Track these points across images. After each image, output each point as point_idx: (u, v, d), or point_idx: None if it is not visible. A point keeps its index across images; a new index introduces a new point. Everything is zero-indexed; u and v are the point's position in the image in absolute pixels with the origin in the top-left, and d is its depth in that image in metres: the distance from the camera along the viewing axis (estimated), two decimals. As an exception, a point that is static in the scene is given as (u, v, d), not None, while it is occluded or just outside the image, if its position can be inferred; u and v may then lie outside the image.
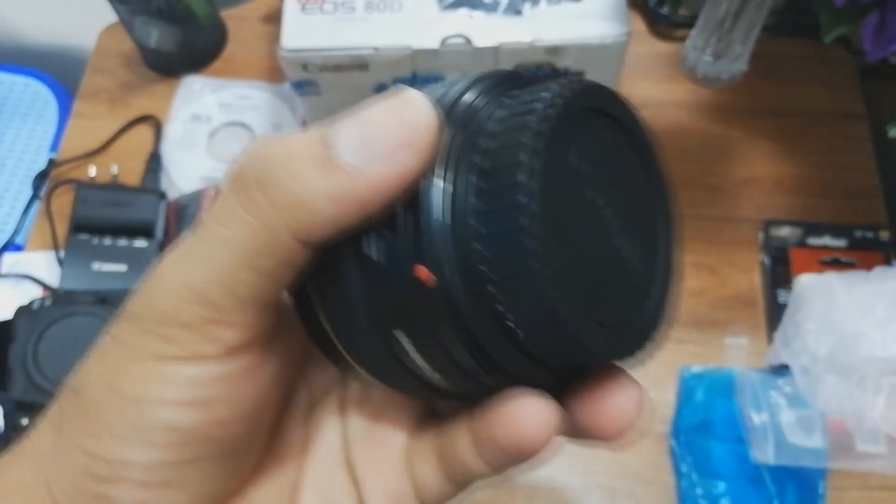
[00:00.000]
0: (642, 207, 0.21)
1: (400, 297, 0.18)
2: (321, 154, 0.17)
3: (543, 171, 0.17)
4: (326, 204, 0.17)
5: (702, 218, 0.60)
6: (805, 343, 0.50)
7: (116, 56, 0.70)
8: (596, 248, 0.19)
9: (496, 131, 0.18)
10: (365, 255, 0.18)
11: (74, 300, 0.51)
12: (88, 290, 0.56)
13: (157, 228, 0.58)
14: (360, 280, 0.18)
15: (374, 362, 0.20)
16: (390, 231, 0.18)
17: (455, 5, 0.52)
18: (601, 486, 0.51)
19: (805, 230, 0.59)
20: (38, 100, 0.81)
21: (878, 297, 0.50)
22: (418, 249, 0.17)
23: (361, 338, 0.19)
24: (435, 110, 0.17)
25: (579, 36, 0.51)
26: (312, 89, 0.54)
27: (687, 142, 0.63)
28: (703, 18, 0.61)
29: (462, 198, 0.17)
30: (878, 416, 0.49)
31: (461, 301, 0.18)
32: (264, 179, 0.18)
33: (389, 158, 0.17)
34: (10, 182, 0.76)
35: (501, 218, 0.17)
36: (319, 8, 0.52)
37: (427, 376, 0.19)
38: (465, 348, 0.18)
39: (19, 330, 0.49)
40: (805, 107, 0.65)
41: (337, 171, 0.17)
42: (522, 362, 0.19)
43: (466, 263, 0.17)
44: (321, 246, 0.18)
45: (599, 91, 0.19)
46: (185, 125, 0.66)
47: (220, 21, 0.70)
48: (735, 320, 0.56)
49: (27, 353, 0.48)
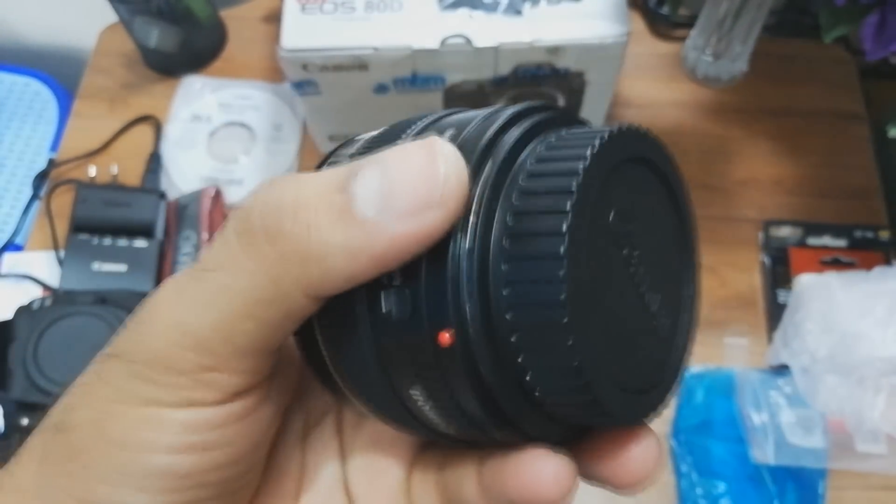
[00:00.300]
0: (672, 256, 0.21)
1: (416, 353, 0.17)
2: (339, 204, 0.16)
3: (581, 231, 0.16)
4: (341, 260, 0.16)
5: (702, 218, 0.59)
6: (805, 343, 0.50)
7: (116, 56, 0.70)
8: (627, 304, 0.18)
9: (532, 190, 0.16)
10: (379, 308, 0.17)
11: (74, 300, 0.51)
12: (88, 290, 0.57)
13: (157, 228, 0.58)
14: (372, 332, 0.17)
15: (380, 405, 0.19)
16: (409, 285, 0.17)
17: (455, 5, 0.52)
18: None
19: (805, 230, 0.59)
20: (38, 100, 0.81)
21: (877, 297, 0.50)
22: (441, 308, 0.16)
23: (369, 385, 0.18)
24: (465, 163, 0.16)
25: (579, 36, 0.51)
26: (312, 89, 0.54)
27: (687, 142, 0.63)
28: (703, 18, 0.61)
29: (493, 254, 0.16)
30: (878, 415, 0.49)
31: (481, 358, 0.17)
32: (274, 229, 0.16)
33: (414, 216, 0.16)
34: (10, 182, 0.76)
35: (534, 267, 0.16)
36: (319, 8, 0.52)
37: (435, 424, 0.19)
38: (479, 403, 0.17)
39: (19, 330, 0.49)
40: (805, 107, 0.65)
41: (355, 226, 0.16)
42: (538, 420, 0.18)
43: (490, 316, 0.16)
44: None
45: (638, 137, 0.19)
46: (185, 125, 0.66)
47: (220, 21, 0.70)
48: (735, 320, 0.56)
49: (27, 352, 0.48)
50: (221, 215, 0.60)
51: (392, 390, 0.18)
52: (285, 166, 0.63)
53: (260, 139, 0.65)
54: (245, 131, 0.66)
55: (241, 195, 0.62)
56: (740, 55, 0.62)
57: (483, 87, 0.54)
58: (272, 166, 0.63)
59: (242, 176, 0.63)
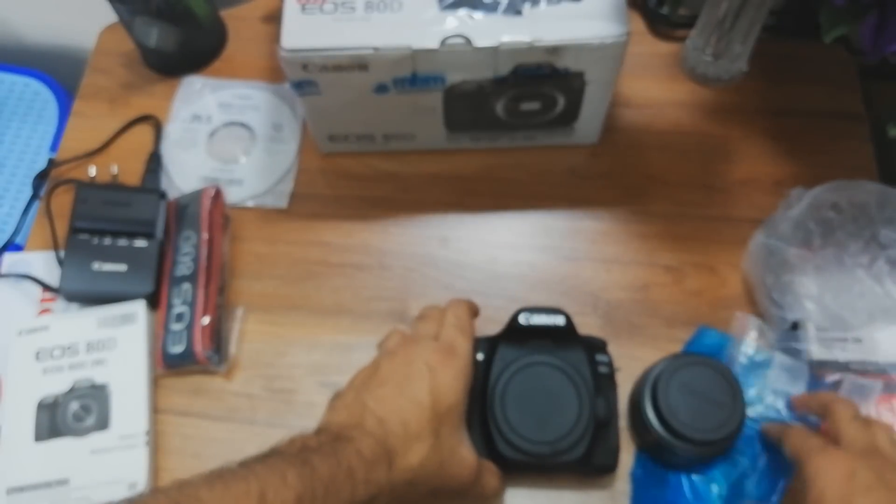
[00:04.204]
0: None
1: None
2: None
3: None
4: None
5: (702, 218, 0.60)
6: (797, 296, 0.52)
7: (116, 56, 0.70)
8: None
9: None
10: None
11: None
12: (91, 289, 0.57)
13: (157, 228, 0.58)
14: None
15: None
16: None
17: (455, 5, 0.52)
18: (601, 485, 0.51)
19: (805, 230, 0.59)
20: (38, 100, 0.81)
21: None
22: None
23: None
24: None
25: (579, 36, 0.51)
26: (312, 89, 0.54)
27: (687, 142, 0.63)
28: (703, 18, 0.61)
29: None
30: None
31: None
32: None
33: None
34: (10, 182, 0.76)
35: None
36: (319, 8, 0.52)
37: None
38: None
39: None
40: (805, 107, 0.65)
41: None
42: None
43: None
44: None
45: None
46: (185, 125, 0.66)
47: (220, 21, 0.70)
48: (735, 320, 0.56)
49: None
50: (221, 215, 0.60)
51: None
52: (285, 166, 0.63)
53: (260, 139, 0.65)
54: (245, 131, 0.66)
55: (241, 195, 0.62)
56: (740, 55, 0.62)
57: (483, 87, 0.54)
58: (272, 166, 0.63)
59: (242, 176, 0.63)
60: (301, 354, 0.56)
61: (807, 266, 0.53)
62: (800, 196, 0.54)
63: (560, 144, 0.62)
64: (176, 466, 0.53)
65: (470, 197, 0.62)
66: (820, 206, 0.54)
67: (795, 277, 0.53)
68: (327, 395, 0.46)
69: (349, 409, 0.44)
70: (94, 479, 0.50)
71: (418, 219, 0.61)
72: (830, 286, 0.53)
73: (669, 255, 0.59)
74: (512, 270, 0.59)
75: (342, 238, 0.61)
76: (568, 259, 0.59)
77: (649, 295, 0.57)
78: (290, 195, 0.62)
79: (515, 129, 0.60)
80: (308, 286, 0.59)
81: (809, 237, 0.54)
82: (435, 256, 0.60)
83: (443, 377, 0.44)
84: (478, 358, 0.49)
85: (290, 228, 0.61)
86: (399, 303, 0.58)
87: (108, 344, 0.54)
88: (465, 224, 0.61)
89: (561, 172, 0.62)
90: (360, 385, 0.45)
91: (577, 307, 0.55)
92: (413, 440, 0.42)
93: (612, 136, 0.63)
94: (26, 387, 0.53)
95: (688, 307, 0.57)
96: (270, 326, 0.58)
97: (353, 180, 0.63)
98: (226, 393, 0.55)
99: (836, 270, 0.53)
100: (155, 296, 0.56)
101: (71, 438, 0.52)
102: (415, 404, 0.43)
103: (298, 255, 0.60)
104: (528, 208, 0.61)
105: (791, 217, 0.54)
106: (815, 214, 0.54)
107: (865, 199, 0.54)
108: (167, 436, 0.54)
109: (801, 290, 0.53)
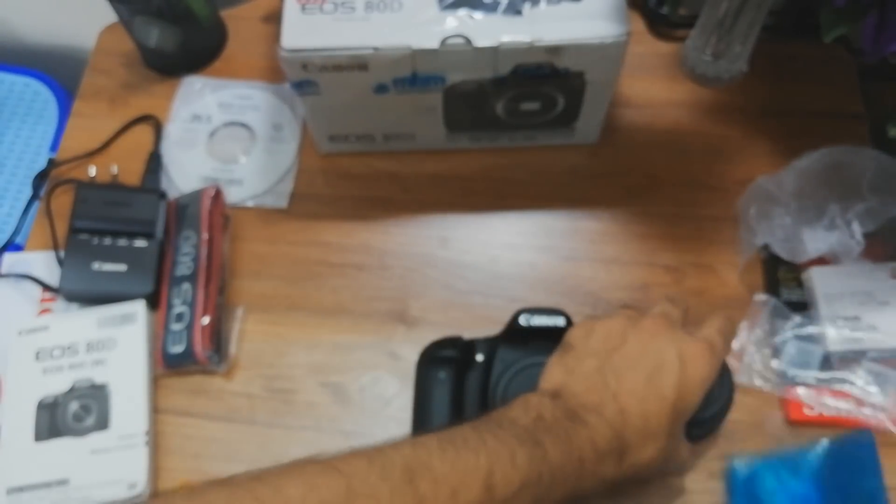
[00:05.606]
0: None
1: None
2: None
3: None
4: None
5: (702, 218, 0.60)
6: (771, 224, 0.55)
7: (116, 56, 0.70)
8: None
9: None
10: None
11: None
12: (89, 289, 0.57)
13: (157, 228, 0.58)
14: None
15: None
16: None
17: (455, 5, 0.52)
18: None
19: (805, 229, 0.59)
20: (38, 100, 0.81)
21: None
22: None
23: None
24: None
25: (579, 36, 0.51)
26: (312, 89, 0.54)
27: (687, 142, 0.63)
28: (703, 18, 0.61)
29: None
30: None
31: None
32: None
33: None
34: (10, 182, 0.76)
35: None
36: (319, 8, 0.52)
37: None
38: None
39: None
40: (805, 107, 0.65)
41: None
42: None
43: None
44: None
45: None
46: (185, 125, 0.66)
47: (220, 21, 0.70)
48: (735, 320, 0.56)
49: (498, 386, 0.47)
50: (221, 215, 0.60)
51: None
52: (285, 166, 0.63)
53: (260, 139, 0.65)
54: (245, 131, 0.66)
55: (241, 195, 0.62)
56: (740, 55, 0.62)
57: (483, 86, 0.54)
58: (272, 166, 0.63)
59: (242, 176, 0.63)
60: (301, 354, 0.56)
61: (791, 204, 0.55)
62: (810, 155, 0.56)
63: (560, 144, 0.63)
64: (176, 466, 0.53)
65: (470, 197, 0.62)
66: (826, 167, 0.56)
67: (775, 209, 0.55)
68: (327, 395, 0.46)
69: (589, 381, 0.41)
70: (94, 479, 0.50)
71: (418, 219, 0.61)
72: (804, 220, 0.55)
73: (669, 255, 0.59)
74: (512, 270, 0.59)
75: (342, 238, 0.61)
76: (568, 259, 0.59)
77: (649, 295, 0.57)
78: (290, 195, 0.62)
79: (515, 129, 0.60)
80: (308, 286, 0.59)
81: (803, 186, 0.56)
82: (435, 256, 0.60)
83: (693, 373, 0.41)
84: (477, 359, 0.49)
85: (290, 228, 0.61)
86: (399, 303, 0.58)
87: (108, 344, 0.54)
88: (465, 224, 0.61)
89: (561, 172, 0.63)
90: (604, 354, 0.42)
91: (577, 307, 0.55)
92: (649, 438, 0.40)
93: (612, 136, 0.63)
94: (26, 387, 0.53)
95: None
96: (270, 326, 0.58)
97: (353, 180, 0.63)
98: (226, 393, 0.55)
99: (815, 212, 0.55)
100: (155, 296, 0.57)
101: (71, 438, 0.52)
102: (659, 398, 0.40)
103: (298, 255, 0.60)
104: (527, 208, 0.61)
105: (795, 167, 0.56)
106: (818, 171, 0.56)
107: (865, 165, 0.55)
108: (167, 436, 0.54)
109: (776, 220, 0.55)
